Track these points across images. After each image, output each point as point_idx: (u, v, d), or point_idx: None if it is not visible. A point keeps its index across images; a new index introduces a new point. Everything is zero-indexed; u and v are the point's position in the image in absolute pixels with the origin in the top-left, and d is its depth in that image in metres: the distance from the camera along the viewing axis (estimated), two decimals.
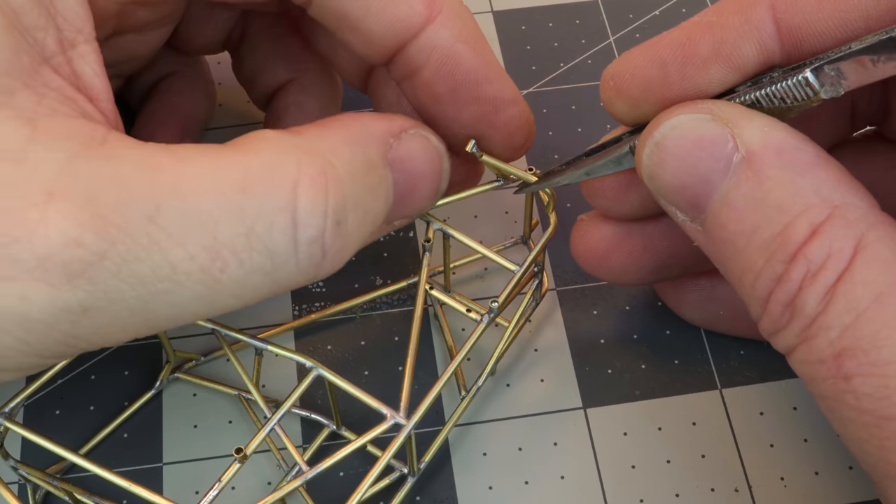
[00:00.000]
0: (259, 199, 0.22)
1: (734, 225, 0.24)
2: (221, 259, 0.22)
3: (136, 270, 0.21)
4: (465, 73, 0.28)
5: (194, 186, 0.22)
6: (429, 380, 0.33)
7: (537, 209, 0.36)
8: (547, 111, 0.40)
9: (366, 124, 0.26)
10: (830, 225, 0.22)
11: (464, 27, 0.28)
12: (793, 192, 0.23)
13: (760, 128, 0.24)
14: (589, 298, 0.35)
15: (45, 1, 0.23)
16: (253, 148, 0.23)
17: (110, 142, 0.22)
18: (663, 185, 0.25)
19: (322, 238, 0.23)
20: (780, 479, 0.32)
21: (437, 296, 0.32)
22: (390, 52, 0.28)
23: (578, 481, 0.32)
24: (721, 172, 0.24)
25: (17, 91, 0.22)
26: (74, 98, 0.23)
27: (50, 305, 0.21)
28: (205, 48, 0.34)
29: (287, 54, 0.33)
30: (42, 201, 0.20)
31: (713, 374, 0.34)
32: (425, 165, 0.27)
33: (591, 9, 0.42)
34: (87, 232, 0.20)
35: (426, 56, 0.27)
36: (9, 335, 0.21)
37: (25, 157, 0.21)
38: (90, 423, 0.33)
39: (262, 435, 0.27)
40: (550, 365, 0.34)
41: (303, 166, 0.23)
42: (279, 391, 0.33)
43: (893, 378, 0.21)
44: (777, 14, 0.25)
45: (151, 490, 0.27)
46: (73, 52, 0.24)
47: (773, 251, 0.23)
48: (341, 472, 0.32)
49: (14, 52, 0.22)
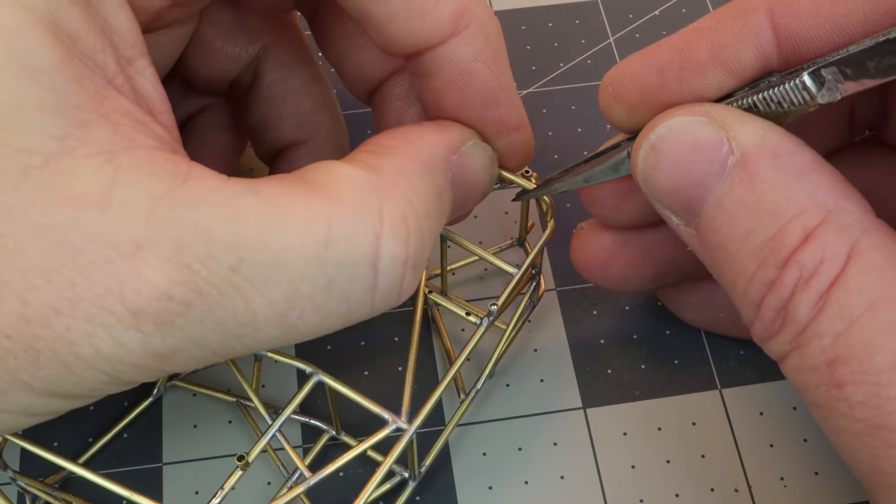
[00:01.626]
0: (342, 253, 0.22)
1: (727, 228, 0.24)
2: (300, 307, 0.22)
3: (220, 318, 0.22)
4: (475, 92, 0.27)
5: (278, 242, 0.22)
6: (427, 379, 0.33)
7: (537, 211, 0.36)
8: (547, 111, 0.40)
9: (432, 144, 0.26)
10: (824, 230, 0.22)
11: (487, 46, 0.27)
12: (787, 196, 0.23)
13: (756, 131, 0.24)
14: (589, 298, 0.35)
15: (99, 21, 0.22)
16: (335, 194, 0.23)
17: (193, 180, 0.22)
18: (658, 188, 0.25)
19: (400, 284, 0.23)
20: (780, 479, 0.32)
21: (435, 299, 0.32)
22: (407, 54, 0.27)
23: (578, 481, 0.32)
24: (716, 175, 0.24)
25: (92, 123, 0.21)
26: (144, 121, 0.22)
27: (141, 350, 0.21)
28: (210, 81, 0.33)
29: (297, 112, 0.33)
30: (130, 252, 0.21)
31: (713, 374, 0.34)
32: (483, 179, 0.28)
33: (591, 9, 0.42)
34: (177, 285, 0.21)
35: (441, 67, 0.27)
36: (102, 373, 0.21)
37: (110, 202, 0.21)
38: (89, 430, 0.33)
39: (264, 442, 0.28)
40: (550, 365, 0.34)
41: (385, 216, 0.23)
42: (277, 393, 0.33)
43: (886, 387, 0.21)
44: (775, 19, 0.25)
45: (152, 499, 0.27)
46: (132, 69, 0.23)
47: (765, 255, 0.23)
48: (340, 472, 0.32)
49: (79, 82, 0.21)
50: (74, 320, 0.20)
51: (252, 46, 0.32)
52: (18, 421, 0.23)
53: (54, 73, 0.21)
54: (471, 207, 0.29)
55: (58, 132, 0.20)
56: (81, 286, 0.20)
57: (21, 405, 0.22)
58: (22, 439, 0.28)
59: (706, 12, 0.42)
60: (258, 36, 0.32)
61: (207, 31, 0.31)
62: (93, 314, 0.21)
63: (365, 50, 0.30)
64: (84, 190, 0.21)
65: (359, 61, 0.31)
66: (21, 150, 0.20)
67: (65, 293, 0.20)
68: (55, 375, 0.21)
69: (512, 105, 0.28)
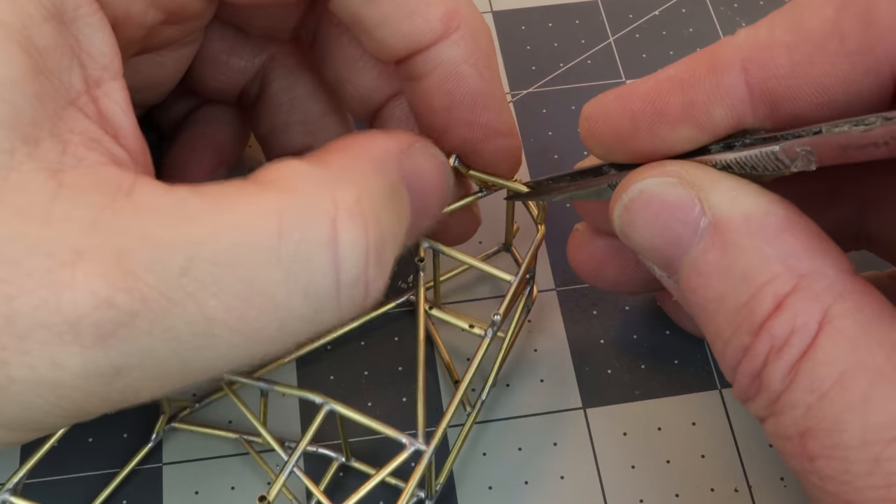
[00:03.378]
0: (296, 241, 0.21)
1: (703, 291, 0.23)
2: (257, 307, 0.21)
3: (170, 326, 0.20)
4: (463, 94, 0.27)
5: (228, 238, 0.21)
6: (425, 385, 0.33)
7: (515, 214, 0.35)
8: (547, 111, 0.40)
9: (382, 145, 0.25)
10: (795, 297, 0.22)
11: (476, 49, 0.27)
12: (759, 260, 0.22)
13: (728, 192, 0.23)
14: (589, 298, 0.35)
15: (71, 40, 0.22)
16: (285, 186, 0.22)
17: (137, 190, 0.21)
18: (635, 246, 0.25)
19: (365, 276, 0.22)
20: (780, 479, 0.32)
21: (436, 314, 0.32)
22: (398, 58, 0.27)
23: (578, 481, 0.32)
24: (689, 237, 0.23)
25: (42, 141, 0.21)
26: (100, 139, 0.22)
27: (82, 370, 0.20)
28: (219, 93, 0.33)
29: (306, 119, 0.33)
30: (69, 261, 0.19)
31: (713, 374, 0.34)
32: (435, 180, 0.27)
33: (590, 9, 0.42)
34: (119, 291, 0.20)
35: (431, 69, 0.27)
36: (43, 400, 0.20)
37: (51, 215, 0.20)
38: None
39: (283, 479, 0.27)
40: (550, 365, 0.34)
41: (339, 201, 0.22)
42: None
43: (854, 464, 0.21)
44: (749, 78, 0.24)
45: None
46: (99, 91, 0.23)
47: (739, 322, 0.23)
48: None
49: (39, 100, 0.21)
50: (9, 337, 0.19)
51: (258, 58, 0.32)
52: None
53: (15, 88, 0.20)
54: (433, 214, 0.27)
55: (8, 146, 0.20)
56: (18, 300, 0.19)
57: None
58: (29, 502, 0.28)
59: (706, 12, 0.42)
60: (263, 47, 0.32)
61: (213, 47, 0.31)
62: (27, 330, 0.19)
63: (364, 73, 0.30)
64: (28, 204, 0.20)
65: (358, 84, 0.31)
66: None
67: (1, 309, 0.19)
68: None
69: (500, 110, 0.28)
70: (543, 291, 0.35)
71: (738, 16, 0.42)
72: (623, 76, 0.41)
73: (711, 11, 0.42)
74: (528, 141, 0.39)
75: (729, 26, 0.42)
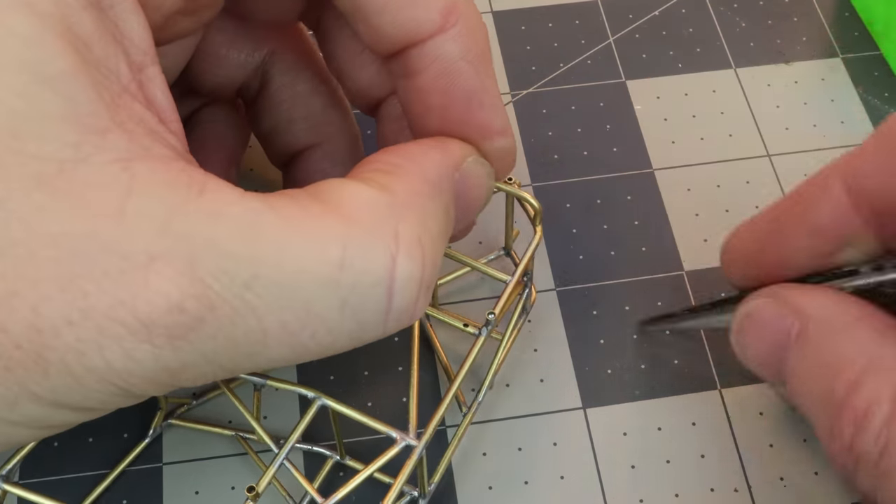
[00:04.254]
0: (356, 275, 0.22)
1: (800, 390, 0.26)
2: (312, 328, 0.22)
3: (231, 334, 0.21)
4: (459, 91, 0.27)
5: (294, 262, 0.21)
6: (422, 384, 0.33)
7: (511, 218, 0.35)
8: (547, 111, 0.40)
9: (437, 163, 0.26)
10: (868, 375, 0.24)
11: (474, 46, 0.27)
12: (837, 353, 0.25)
13: (811, 301, 0.26)
14: (589, 298, 0.35)
15: (111, 27, 0.22)
16: (348, 214, 0.23)
17: (209, 192, 0.21)
18: (751, 364, 0.28)
19: (414, 306, 0.23)
20: (780, 479, 0.32)
21: (432, 313, 0.32)
22: (395, 50, 0.27)
23: (578, 481, 0.32)
24: (785, 349, 0.26)
25: (108, 131, 0.21)
26: (157, 130, 0.22)
27: (153, 364, 0.21)
28: (218, 89, 0.33)
29: (308, 115, 0.33)
30: (144, 264, 0.20)
31: (713, 374, 0.34)
32: (481, 196, 0.28)
33: (590, 9, 0.42)
34: (189, 298, 0.20)
35: (427, 64, 0.27)
36: (112, 386, 0.21)
37: (125, 212, 0.20)
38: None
39: (272, 471, 0.27)
40: (550, 365, 0.34)
41: (400, 238, 0.23)
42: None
43: None
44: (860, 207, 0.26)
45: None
46: (143, 76, 0.23)
47: (826, 409, 0.24)
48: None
49: (94, 89, 0.21)
50: (86, 331, 0.20)
51: (258, 52, 0.32)
52: (26, 434, 0.22)
53: (69, 80, 0.20)
54: (469, 223, 0.28)
55: (73, 140, 0.20)
56: (94, 296, 0.20)
57: (30, 417, 0.21)
58: (23, 489, 0.28)
59: (706, 13, 0.42)
60: (263, 42, 0.32)
61: (212, 39, 0.31)
62: (104, 326, 0.20)
63: (365, 68, 0.30)
64: (99, 198, 0.20)
65: (358, 78, 0.31)
66: (35, 157, 0.20)
67: (77, 303, 0.20)
68: (65, 387, 0.21)
69: (496, 109, 0.28)
70: (543, 291, 0.35)
71: (737, 16, 0.42)
72: (623, 76, 0.41)
73: (711, 11, 0.42)
74: (528, 141, 0.39)
75: (729, 26, 0.42)
